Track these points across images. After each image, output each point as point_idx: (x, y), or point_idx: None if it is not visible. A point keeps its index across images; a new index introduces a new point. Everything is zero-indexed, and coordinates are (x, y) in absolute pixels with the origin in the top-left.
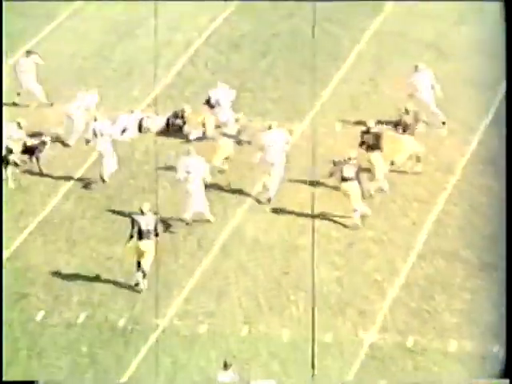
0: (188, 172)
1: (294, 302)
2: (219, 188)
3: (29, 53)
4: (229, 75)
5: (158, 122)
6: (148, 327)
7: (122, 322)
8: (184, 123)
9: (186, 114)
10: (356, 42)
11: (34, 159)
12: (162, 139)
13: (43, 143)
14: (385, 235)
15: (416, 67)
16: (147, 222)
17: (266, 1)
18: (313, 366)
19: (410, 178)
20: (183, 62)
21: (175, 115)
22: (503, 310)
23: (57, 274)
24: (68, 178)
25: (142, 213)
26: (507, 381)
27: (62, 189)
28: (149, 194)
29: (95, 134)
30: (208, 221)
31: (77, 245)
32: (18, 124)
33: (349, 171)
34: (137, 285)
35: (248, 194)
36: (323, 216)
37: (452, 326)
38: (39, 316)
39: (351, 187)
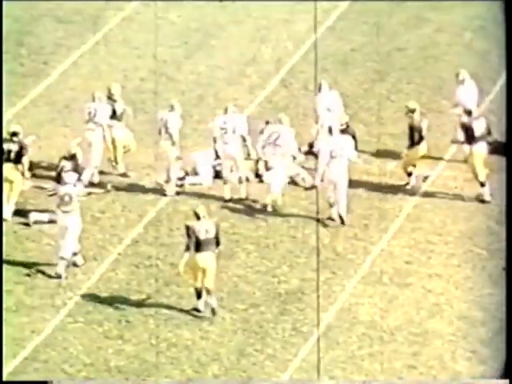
0: (333, 156)
1: None
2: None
3: None
4: None
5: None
6: None
7: None
8: None
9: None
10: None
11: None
12: None
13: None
14: None
15: None
16: (207, 229)
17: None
18: None
19: None
20: (274, 83)
21: None
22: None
23: (104, 366)
24: (119, 237)
25: (198, 218)
26: (507, 381)
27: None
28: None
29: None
30: (305, 293)
31: (133, 328)
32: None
33: (480, 127)
34: (199, 311)
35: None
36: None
37: None
38: None
39: (483, 149)
